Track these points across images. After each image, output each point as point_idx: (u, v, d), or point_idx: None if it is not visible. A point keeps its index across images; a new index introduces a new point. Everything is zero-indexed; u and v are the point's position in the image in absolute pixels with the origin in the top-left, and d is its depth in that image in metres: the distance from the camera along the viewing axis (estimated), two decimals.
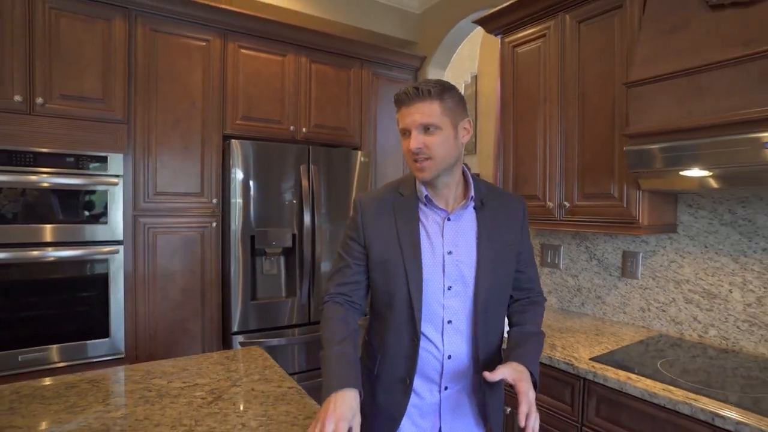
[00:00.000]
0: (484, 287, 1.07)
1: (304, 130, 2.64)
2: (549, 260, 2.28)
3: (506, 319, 1.20)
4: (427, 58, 3.10)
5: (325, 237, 2.58)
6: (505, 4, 2.04)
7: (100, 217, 2.06)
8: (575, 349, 1.60)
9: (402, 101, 1.04)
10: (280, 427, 0.98)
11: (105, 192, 2.06)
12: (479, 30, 2.74)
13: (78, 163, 2.01)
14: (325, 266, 2.57)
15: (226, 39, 2.38)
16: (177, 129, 2.27)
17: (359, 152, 2.72)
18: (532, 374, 0.99)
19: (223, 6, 2.33)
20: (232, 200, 2.32)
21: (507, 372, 0.96)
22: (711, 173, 1.37)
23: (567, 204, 1.87)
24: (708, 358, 1.53)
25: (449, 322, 1.07)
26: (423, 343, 1.06)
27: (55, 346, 1.98)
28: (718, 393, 1.22)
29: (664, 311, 1.83)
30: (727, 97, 1.27)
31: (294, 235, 2.47)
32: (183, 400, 1.10)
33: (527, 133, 2.04)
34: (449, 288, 1.07)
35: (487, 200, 1.13)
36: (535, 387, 0.98)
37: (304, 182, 2.47)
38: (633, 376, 1.35)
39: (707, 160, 1.33)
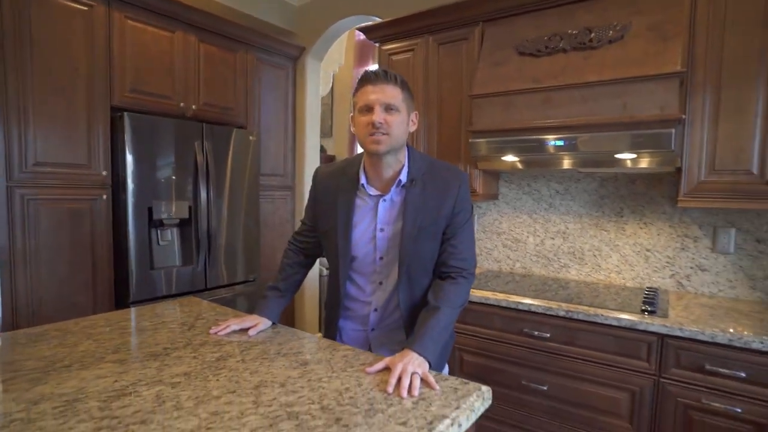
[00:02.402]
0: (408, 258, 1.23)
1: (193, 107, 2.76)
2: None
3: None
4: (306, 49, 3.45)
5: (220, 210, 2.79)
6: (385, 20, 2.56)
7: None
8: None
9: (370, 80, 1.15)
10: (258, 335, 1.34)
11: None
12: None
13: None
14: (220, 238, 2.79)
15: (110, 6, 2.36)
16: (59, 97, 2.20)
17: (247, 131, 2.96)
18: (421, 353, 1.07)
19: None
20: (127, 172, 2.37)
21: (386, 361, 1.07)
22: (518, 159, 2.12)
23: None
24: (515, 282, 2.33)
25: (380, 283, 1.30)
26: (356, 294, 1.33)
27: None
28: (521, 294, 1.99)
29: (490, 254, 2.63)
30: (526, 111, 2.01)
31: (190, 207, 2.63)
32: (164, 330, 1.36)
33: None
34: (380, 258, 1.27)
35: (419, 179, 1.23)
36: (430, 362, 1.07)
37: (199, 157, 2.64)
38: (475, 290, 2.05)
39: (515, 150, 2.07)
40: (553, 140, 1.95)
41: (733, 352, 1.51)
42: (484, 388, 1.02)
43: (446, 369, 1.40)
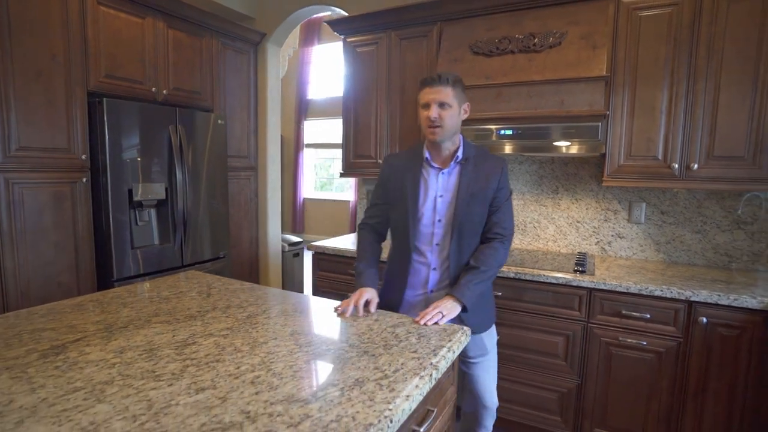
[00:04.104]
0: (461, 220, 1.49)
1: (164, 92, 2.82)
2: None
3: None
4: (267, 35, 3.54)
5: (193, 190, 2.90)
6: (350, 15, 2.75)
7: None
8: None
9: (428, 83, 1.45)
10: (267, 299, 1.57)
11: None
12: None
13: None
14: (194, 217, 2.91)
15: None
16: (39, 83, 2.22)
17: (215, 114, 3.06)
18: (458, 299, 1.41)
19: None
20: (106, 156, 2.43)
21: (433, 305, 1.39)
22: None
23: None
24: None
25: (437, 244, 1.53)
26: (417, 257, 1.55)
27: None
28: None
29: None
30: (481, 104, 2.32)
31: (167, 189, 2.72)
32: (186, 298, 1.54)
33: (365, 110, 2.85)
34: (439, 220, 1.52)
35: (471, 159, 1.52)
36: (464, 307, 1.41)
37: (174, 141, 2.72)
38: None
39: (471, 138, 2.38)
40: (503, 129, 2.28)
41: (642, 299, 1.95)
42: (465, 327, 1.34)
43: (493, 328, 1.66)
